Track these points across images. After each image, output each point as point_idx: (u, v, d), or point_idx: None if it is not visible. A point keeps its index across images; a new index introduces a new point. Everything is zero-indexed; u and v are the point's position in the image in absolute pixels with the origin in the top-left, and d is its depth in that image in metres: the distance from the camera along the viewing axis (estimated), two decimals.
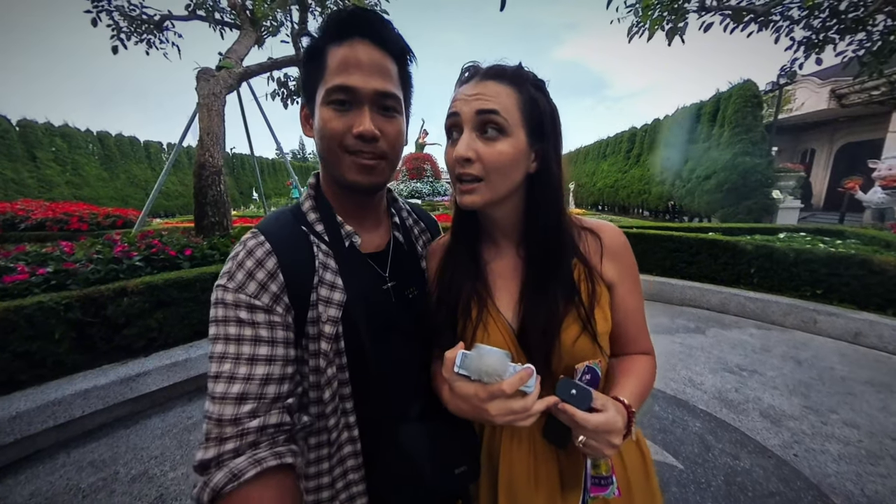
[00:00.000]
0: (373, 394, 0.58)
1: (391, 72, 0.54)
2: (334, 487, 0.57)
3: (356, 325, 0.56)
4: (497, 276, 0.63)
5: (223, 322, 0.48)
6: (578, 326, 0.55)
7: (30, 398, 1.82)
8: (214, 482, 0.40)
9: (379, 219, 0.66)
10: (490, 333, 0.58)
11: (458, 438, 0.58)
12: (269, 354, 0.48)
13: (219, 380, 0.45)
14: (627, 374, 0.59)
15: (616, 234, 0.62)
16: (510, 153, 0.52)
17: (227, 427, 0.43)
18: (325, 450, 0.56)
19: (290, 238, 0.55)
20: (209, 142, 3.41)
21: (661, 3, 2.92)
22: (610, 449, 0.47)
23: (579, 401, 0.47)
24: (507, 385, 0.44)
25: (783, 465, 1.73)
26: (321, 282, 0.55)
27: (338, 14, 0.53)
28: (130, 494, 1.61)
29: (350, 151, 0.53)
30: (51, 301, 1.93)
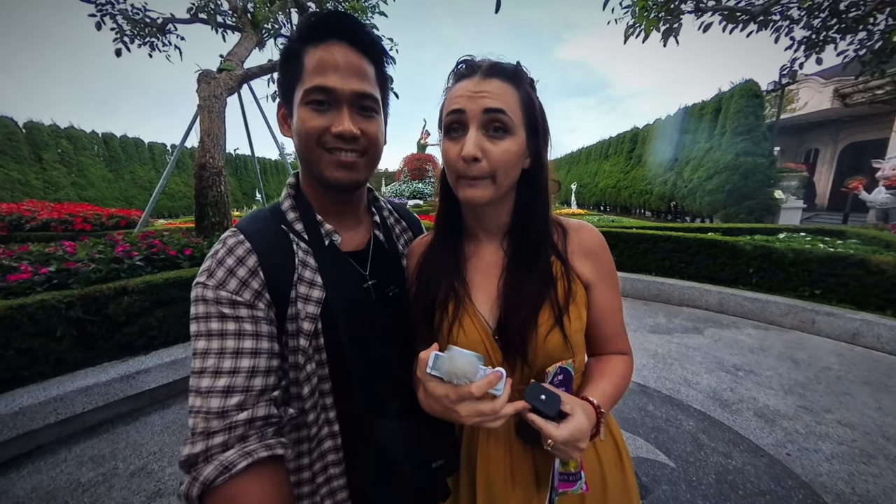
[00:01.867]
0: (352, 390, 0.59)
1: (369, 73, 0.55)
2: (315, 482, 0.58)
3: (335, 322, 0.57)
4: (476, 272, 0.64)
5: (204, 318, 0.48)
6: (550, 323, 0.56)
7: (32, 394, 1.85)
8: (204, 476, 0.40)
9: (359, 217, 0.67)
10: (466, 330, 0.59)
11: (435, 434, 0.59)
12: (254, 347, 0.48)
13: (203, 375, 0.45)
14: (601, 375, 0.60)
15: (593, 233, 0.63)
16: (514, 151, 0.54)
17: (214, 421, 0.43)
18: (305, 444, 0.58)
19: (269, 236, 0.56)
20: (210, 143, 3.45)
21: (656, 4, 2.93)
22: (577, 453, 0.48)
23: (548, 406, 0.47)
24: (475, 388, 0.44)
25: (775, 464, 1.73)
26: (300, 279, 0.56)
27: (314, 16, 0.54)
28: (129, 489, 1.64)
29: (329, 149, 0.54)
30: (53, 299, 1.97)
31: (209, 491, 0.39)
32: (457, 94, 0.55)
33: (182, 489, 0.40)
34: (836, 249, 3.59)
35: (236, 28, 4.79)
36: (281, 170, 27.05)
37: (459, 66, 0.58)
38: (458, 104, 0.54)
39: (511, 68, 0.56)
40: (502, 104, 0.52)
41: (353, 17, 0.55)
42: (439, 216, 0.67)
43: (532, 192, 0.60)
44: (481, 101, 0.52)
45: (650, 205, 13.70)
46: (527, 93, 0.56)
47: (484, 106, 0.52)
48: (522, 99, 0.55)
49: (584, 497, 0.58)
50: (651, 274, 4.63)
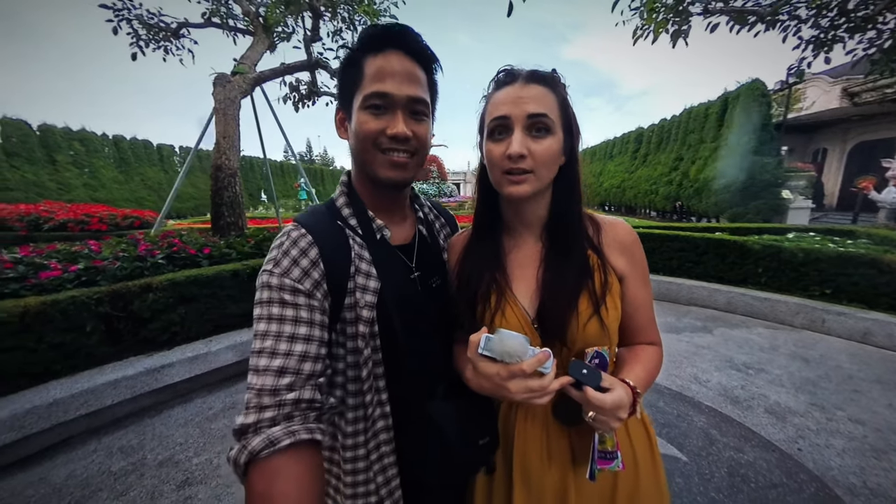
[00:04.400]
0: (403, 373, 0.64)
1: (421, 79, 0.60)
2: (369, 459, 0.63)
3: (388, 310, 0.62)
4: (515, 265, 0.68)
5: (267, 303, 0.52)
6: (590, 311, 0.59)
7: (64, 387, 1.93)
8: (252, 446, 0.43)
9: (404, 213, 0.72)
10: (508, 319, 0.63)
11: (479, 413, 0.64)
12: (307, 334, 0.52)
13: (262, 355, 0.49)
14: (634, 361, 0.64)
15: (627, 229, 0.67)
16: (555, 148, 0.59)
17: (266, 397, 0.47)
18: (361, 424, 0.63)
19: (328, 231, 0.61)
20: (225, 145, 3.54)
21: (664, 6, 2.96)
22: (616, 422, 0.52)
23: (590, 379, 0.52)
24: (526, 365, 0.48)
25: (787, 459, 1.76)
26: (357, 271, 0.61)
27: (374, 28, 0.60)
28: (158, 478, 1.71)
29: (383, 150, 0.59)
30: (83, 296, 2.05)
31: (254, 460, 0.43)
32: (500, 100, 0.60)
33: (232, 454, 0.44)
34: (847, 249, 3.58)
35: (248, 32, 4.89)
36: (286, 170, 27.26)
37: (500, 75, 0.64)
38: (503, 110, 0.59)
39: (548, 74, 0.62)
40: (543, 108, 0.58)
41: (409, 28, 0.60)
42: (478, 213, 0.72)
43: (567, 187, 0.65)
44: (524, 106, 0.57)
45: (655, 205, 13.65)
46: (562, 96, 0.61)
47: (527, 111, 0.57)
48: (559, 101, 0.60)
49: (618, 475, 0.62)
50: (659, 273, 4.64)
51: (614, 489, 0.63)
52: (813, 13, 3.98)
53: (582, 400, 0.52)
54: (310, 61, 4.40)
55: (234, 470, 0.44)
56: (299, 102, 5.00)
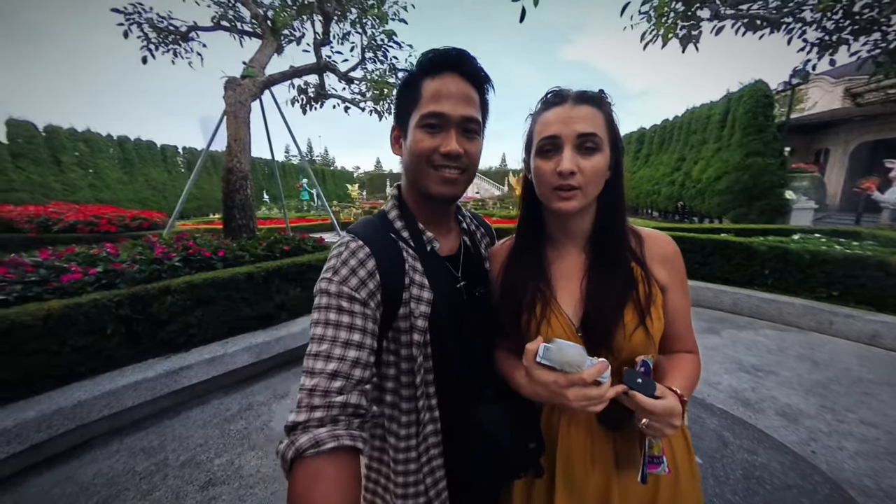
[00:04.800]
0: (451, 379, 0.67)
1: (475, 100, 0.62)
2: (419, 461, 0.66)
3: (439, 319, 0.65)
4: (559, 276, 0.70)
5: (325, 308, 0.55)
6: (635, 322, 0.62)
7: (87, 389, 1.97)
8: (300, 443, 0.45)
9: (450, 225, 0.76)
10: (553, 328, 0.65)
11: (526, 417, 0.67)
12: (360, 341, 0.55)
13: (317, 358, 0.52)
14: (676, 370, 0.65)
15: (669, 241, 0.69)
16: (603, 165, 0.62)
17: (317, 398, 0.49)
18: (413, 428, 0.66)
19: (383, 244, 0.64)
20: (236, 148, 3.57)
21: (674, 10, 2.99)
22: (670, 430, 0.53)
23: (644, 388, 0.54)
24: (587, 374, 0.51)
25: (800, 461, 1.78)
26: (412, 282, 0.64)
27: (432, 52, 0.63)
28: (182, 478, 1.74)
29: (435, 167, 0.62)
30: (104, 299, 2.09)
31: (300, 458, 0.45)
32: (550, 120, 0.63)
33: (281, 447, 0.46)
34: (854, 251, 3.60)
35: (256, 35, 4.93)
36: (288, 171, 27.31)
37: (548, 96, 0.67)
38: (553, 130, 0.62)
39: (596, 95, 0.64)
40: (592, 127, 0.60)
41: (465, 52, 0.63)
42: (522, 225, 0.75)
43: (612, 201, 0.67)
44: (574, 125, 0.60)
45: (657, 205, 13.66)
46: (609, 114, 0.64)
47: (578, 131, 0.60)
48: (607, 120, 0.63)
49: (659, 479, 0.65)
50: None
51: (656, 493, 0.65)
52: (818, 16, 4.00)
53: (636, 407, 0.54)
54: (319, 64, 4.43)
55: (280, 463, 0.46)
56: (307, 105, 5.03)
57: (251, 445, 1.97)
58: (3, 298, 1.93)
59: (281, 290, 2.92)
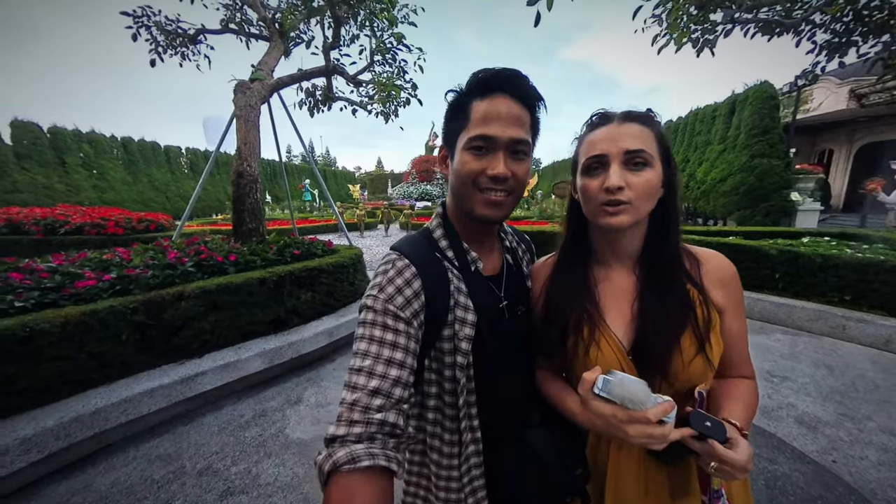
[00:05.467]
0: (494, 400, 0.66)
1: (525, 121, 0.61)
2: (461, 481, 0.65)
3: (483, 341, 0.64)
4: (607, 296, 0.68)
5: (371, 324, 0.55)
6: (695, 347, 0.59)
7: (104, 396, 1.96)
8: (337, 456, 0.45)
9: (493, 244, 0.74)
10: (603, 351, 0.63)
11: (572, 442, 0.66)
12: (402, 360, 0.54)
13: (361, 373, 0.52)
14: (734, 398, 0.62)
15: (726, 262, 0.67)
16: (653, 179, 0.60)
17: (357, 413, 0.49)
18: (455, 448, 0.65)
19: (429, 263, 0.64)
20: (246, 151, 3.57)
21: (688, 14, 2.97)
22: (743, 475, 0.50)
23: (714, 432, 0.50)
24: (652, 414, 0.49)
25: (823, 471, 1.76)
26: (456, 304, 0.63)
27: (483, 73, 0.61)
28: (200, 486, 1.73)
29: (482, 189, 0.61)
30: (120, 305, 2.08)
31: (336, 471, 0.45)
32: (596, 139, 0.62)
33: (319, 459, 0.46)
34: (866, 255, 3.58)
35: (263, 37, 4.93)
36: (290, 171, 27.36)
37: (594, 118, 0.66)
38: (599, 149, 0.61)
39: (643, 113, 0.64)
40: (640, 144, 0.59)
41: (517, 72, 0.61)
42: (567, 243, 0.73)
43: (665, 220, 0.65)
44: (621, 143, 0.59)
45: None
46: (659, 132, 0.63)
47: (624, 148, 0.59)
48: (657, 136, 0.62)
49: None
50: None
51: None
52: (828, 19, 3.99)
53: (708, 454, 0.51)
54: (327, 67, 4.42)
55: (317, 474, 0.46)
56: (314, 108, 5.03)
57: (267, 453, 1.96)
58: (22, 305, 1.92)
59: (292, 295, 2.92)
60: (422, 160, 27.04)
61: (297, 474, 1.81)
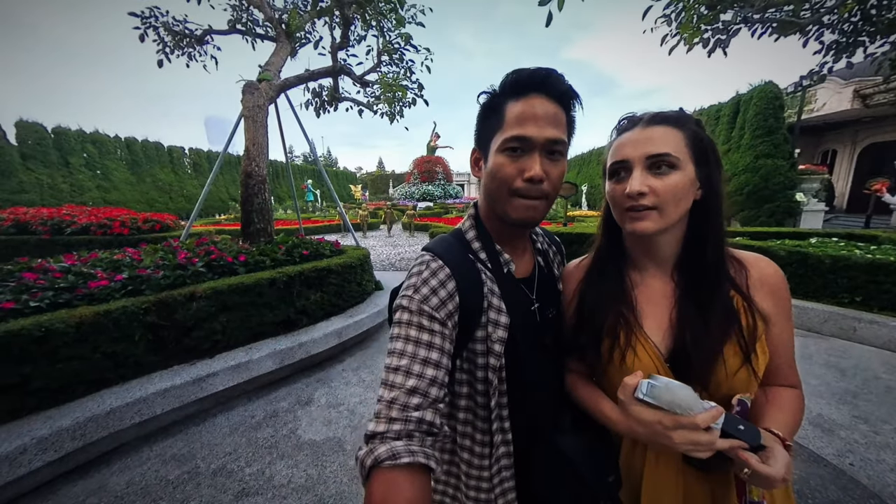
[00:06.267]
0: (525, 402, 0.66)
1: (562, 120, 0.60)
2: (492, 482, 0.65)
3: (516, 343, 0.64)
4: (644, 301, 0.66)
5: (406, 324, 0.56)
6: (740, 358, 0.57)
7: (118, 396, 1.96)
8: (378, 452, 0.45)
9: (525, 246, 0.74)
10: (640, 357, 0.61)
11: (606, 448, 0.65)
12: (437, 360, 0.55)
13: (398, 372, 0.52)
14: (778, 408, 0.60)
15: (774, 268, 0.64)
16: (681, 183, 0.58)
17: (395, 411, 0.49)
18: (487, 449, 0.65)
19: (462, 264, 0.63)
20: (255, 152, 3.57)
21: (699, 15, 2.97)
22: (781, 485, 0.49)
23: (748, 437, 0.49)
24: (701, 420, 0.48)
25: (840, 475, 1.75)
26: (490, 306, 0.63)
27: (517, 74, 0.60)
28: (215, 487, 1.73)
29: (516, 192, 0.60)
30: (133, 305, 2.09)
31: (377, 466, 0.45)
32: (621, 144, 0.61)
33: (361, 454, 0.46)
34: (876, 256, 3.56)
35: (270, 38, 4.94)
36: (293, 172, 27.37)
37: (622, 122, 0.65)
38: (623, 154, 0.60)
39: (673, 114, 0.62)
40: (665, 148, 0.58)
41: (552, 70, 0.60)
42: (601, 247, 0.72)
43: (704, 222, 0.63)
44: (643, 147, 0.58)
45: None
46: (692, 131, 0.61)
47: (647, 152, 0.58)
48: (687, 137, 0.60)
49: None
50: None
51: None
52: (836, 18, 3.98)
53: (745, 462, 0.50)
54: (335, 68, 4.43)
55: (359, 469, 0.46)
56: (321, 108, 5.04)
57: (280, 454, 1.96)
58: (37, 305, 1.93)
59: (302, 295, 2.92)
60: (424, 160, 27.02)
61: (310, 476, 1.81)
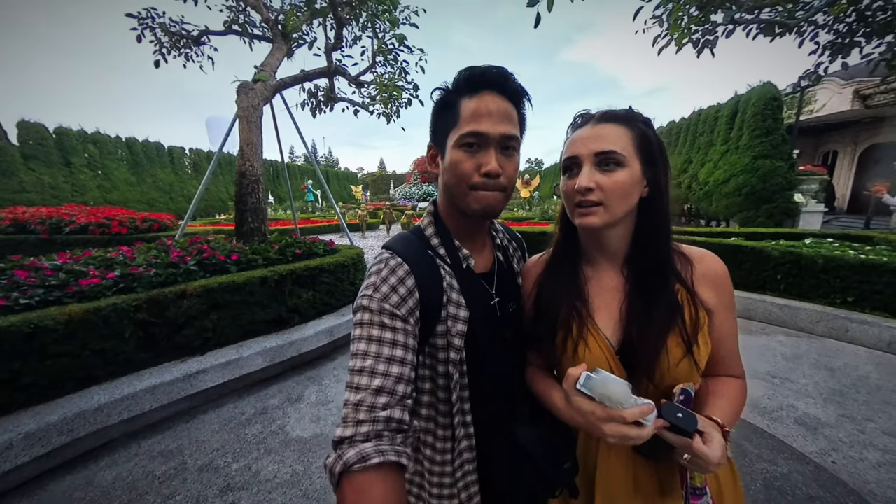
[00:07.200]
0: (486, 396, 0.67)
1: (514, 117, 0.62)
2: (454, 476, 0.67)
3: (475, 337, 0.65)
4: (596, 294, 0.68)
5: (368, 325, 0.56)
6: (682, 349, 0.59)
7: (107, 392, 1.99)
8: (347, 457, 0.46)
9: (485, 241, 0.76)
10: (591, 349, 0.63)
11: (562, 438, 0.66)
12: (402, 357, 0.55)
13: (363, 373, 0.53)
14: (720, 396, 0.62)
15: (718, 263, 0.66)
16: (627, 180, 0.60)
17: (362, 413, 0.50)
18: (448, 443, 0.66)
19: (421, 261, 0.64)
20: (249, 152, 3.60)
21: (689, 16, 2.98)
22: (715, 468, 0.51)
23: (686, 423, 0.51)
24: (629, 414, 0.49)
25: (822, 472, 1.76)
26: (449, 300, 0.64)
27: (470, 71, 0.62)
28: (201, 482, 1.75)
29: (474, 186, 0.62)
30: (123, 303, 2.11)
31: (347, 472, 0.45)
32: (573, 141, 0.64)
33: (329, 461, 0.47)
34: (868, 256, 3.56)
35: (266, 39, 4.97)
36: (292, 172, 27.50)
37: (576, 119, 0.67)
38: (574, 151, 0.63)
39: (622, 112, 0.64)
40: (612, 145, 0.60)
41: (503, 69, 0.62)
42: (558, 242, 0.74)
43: (650, 219, 0.65)
44: (592, 144, 0.60)
45: None
46: (640, 130, 0.63)
47: (595, 149, 0.60)
48: (635, 135, 0.62)
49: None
50: None
51: None
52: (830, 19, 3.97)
53: (682, 446, 0.52)
54: (329, 68, 4.46)
55: (328, 477, 0.47)
56: (316, 108, 5.07)
57: (267, 450, 1.98)
58: (27, 302, 1.95)
59: (293, 294, 2.94)
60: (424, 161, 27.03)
61: (296, 471, 1.83)
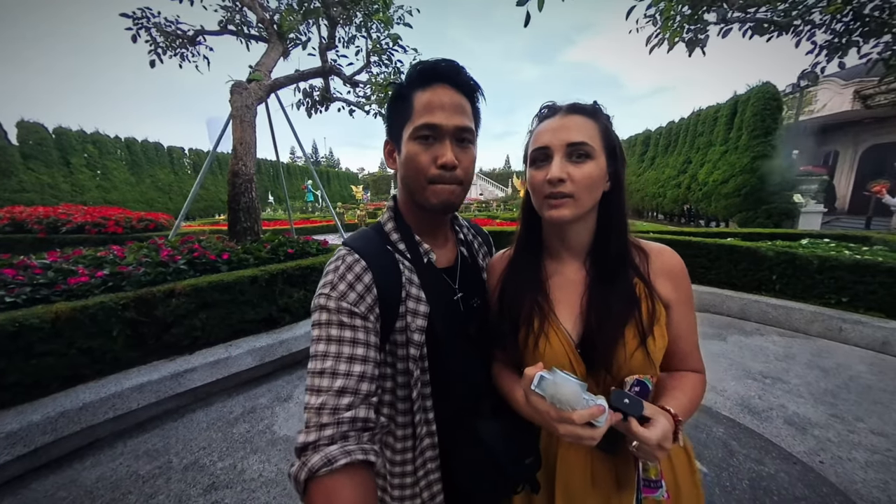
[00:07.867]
0: (448, 392, 0.66)
1: (467, 110, 0.62)
2: (416, 475, 0.66)
3: (436, 333, 0.64)
4: (558, 289, 0.68)
5: (326, 324, 0.55)
6: (637, 341, 0.59)
7: (92, 391, 1.98)
8: (311, 463, 0.44)
9: (447, 236, 0.75)
10: (551, 344, 0.63)
11: (524, 433, 0.66)
12: (364, 355, 0.54)
13: (323, 375, 0.51)
14: (676, 388, 0.63)
15: (675, 257, 0.67)
16: (596, 174, 0.60)
17: (325, 416, 0.48)
18: (409, 442, 0.65)
19: (380, 256, 0.64)
20: (242, 151, 3.60)
21: (680, 15, 2.97)
22: (661, 453, 0.51)
23: (632, 409, 0.51)
24: (577, 416, 0.49)
25: (809, 472, 1.75)
26: (408, 295, 0.63)
27: (422, 65, 0.62)
28: (185, 481, 1.75)
29: (431, 178, 0.61)
30: (111, 301, 2.11)
31: (313, 478, 0.44)
32: (541, 131, 0.63)
33: (293, 470, 0.45)
34: (864, 257, 3.54)
35: (262, 39, 4.97)
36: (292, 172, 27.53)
37: (543, 110, 0.67)
38: (543, 140, 0.62)
39: (589, 106, 0.64)
40: (583, 137, 0.60)
41: (455, 63, 0.62)
42: (521, 237, 0.73)
43: (611, 214, 0.66)
44: (563, 135, 0.60)
45: (663, 208, 13.57)
46: (604, 124, 0.63)
47: (567, 140, 0.60)
48: (601, 130, 0.62)
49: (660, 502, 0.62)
50: None
51: None
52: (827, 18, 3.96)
53: (626, 431, 0.52)
54: (324, 68, 4.46)
55: (294, 486, 0.45)
56: (312, 108, 5.07)
57: (254, 449, 1.97)
58: (13, 301, 1.95)
59: (284, 293, 2.94)
60: None
61: (281, 470, 1.82)
